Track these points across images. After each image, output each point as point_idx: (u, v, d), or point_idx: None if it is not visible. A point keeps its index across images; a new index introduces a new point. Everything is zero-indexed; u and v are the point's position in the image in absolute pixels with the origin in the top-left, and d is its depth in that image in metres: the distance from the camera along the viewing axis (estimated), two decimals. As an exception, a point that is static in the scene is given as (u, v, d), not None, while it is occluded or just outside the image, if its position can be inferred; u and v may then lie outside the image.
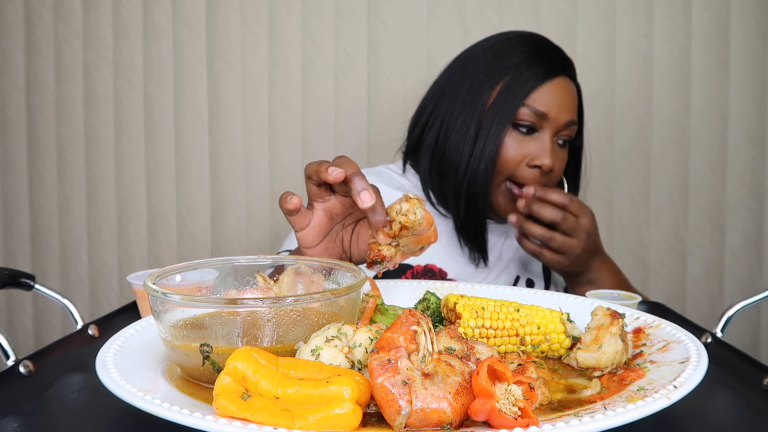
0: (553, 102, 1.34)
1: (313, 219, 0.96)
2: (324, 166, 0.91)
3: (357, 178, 0.89)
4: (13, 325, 2.17)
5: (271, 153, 2.05)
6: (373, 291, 0.94)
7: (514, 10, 1.96)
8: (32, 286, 1.09)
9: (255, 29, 2.02)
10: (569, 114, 1.36)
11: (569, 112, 1.37)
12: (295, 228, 0.96)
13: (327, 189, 0.95)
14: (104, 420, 0.67)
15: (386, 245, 0.89)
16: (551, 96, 1.35)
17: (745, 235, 1.95)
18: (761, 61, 1.91)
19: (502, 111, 1.33)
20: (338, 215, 0.97)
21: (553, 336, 0.78)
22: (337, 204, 0.96)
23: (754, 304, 1.03)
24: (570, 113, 1.37)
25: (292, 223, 0.95)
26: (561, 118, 1.35)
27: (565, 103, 1.36)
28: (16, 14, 2.09)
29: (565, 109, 1.36)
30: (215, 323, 0.69)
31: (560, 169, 1.38)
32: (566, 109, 1.36)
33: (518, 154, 1.34)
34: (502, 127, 1.32)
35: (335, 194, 0.96)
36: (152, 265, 2.09)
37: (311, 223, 0.95)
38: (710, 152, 1.94)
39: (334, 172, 0.89)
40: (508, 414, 0.56)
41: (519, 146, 1.34)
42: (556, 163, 1.35)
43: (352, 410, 0.56)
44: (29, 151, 2.13)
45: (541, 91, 1.34)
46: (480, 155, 1.32)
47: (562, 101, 1.36)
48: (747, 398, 0.74)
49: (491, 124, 1.33)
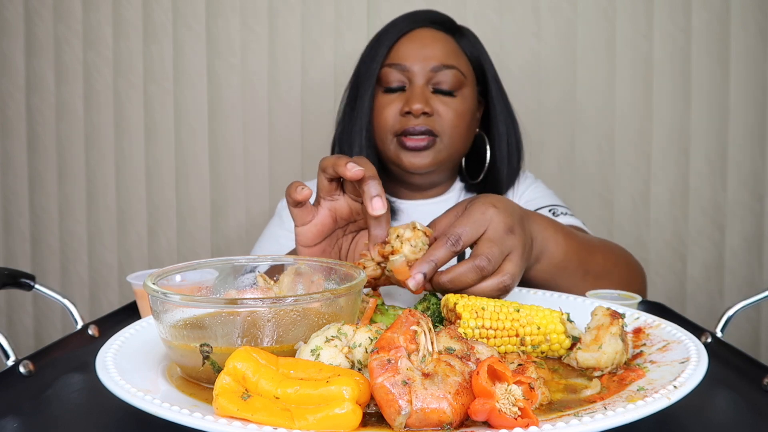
0: (410, 53, 1.40)
1: (317, 217, 0.93)
2: (343, 161, 0.87)
3: (373, 182, 0.86)
4: (13, 325, 2.17)
5: (271, 153, 2.05)
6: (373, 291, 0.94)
7: (514, 10, 1.96)
8: (32, 286, 1.09)
9: (255, 29, 2.02)
10: (435, 59, 1.39)
11: (434, 57, 1.39)
12: (296, 222, 0.93)
13: (338, 187, 0.93)
14: (104, 420, 0.67)
15: (373, 263, 0.87)
16: (407, 48, 1.40)
17: (745, 235, 1.95)
18: (761, 61, 1.91)
19: (366, 76, 1.42)
20: (342, 219, 0.95)
21: (553, 336, 0.78)
22: (345, 206, 0.94)
23: (754, 304, 1.03)
24: (435, 58, 1.39)
25: (295, 216, 0.93)
26: (425, 65, 1.38)
27: (426, 50, 1.39)
28: (16, 14, 2.09)
29: (429, 56, 1.39)
30: (215, 323, 0.69)
31: (447, 115, 1.39)
32: (429, 55, 1.39)
33: (390, 113, 1.39)
34: (366, 91, 1.41)
35: (345, 195, 0.93)
36: (152, 265, 2.09)
37: (314, 220, 0.93)
38: (710, 152, 1.94)
39: (353, 169, 0.86)
40: (508, 414, 0.56)
41: (390, 104, 1.40)
42: (438, 107, 1.38)
43: (352, 410, 0.56)
44: (29, 151, 2.13)
45: (396, 47, 1.41)
46: (357, 122, 1.42)
47: (422, 49, 1.40)
48: (747, 398, 0.74)
49: (360, 91, 1.42)
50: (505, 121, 1.48)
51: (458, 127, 1.40)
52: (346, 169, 0.86)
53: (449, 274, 0.84)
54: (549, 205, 1.45)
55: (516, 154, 1.49)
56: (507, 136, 1.48)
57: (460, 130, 1.41)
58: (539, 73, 1.96)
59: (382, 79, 1.42)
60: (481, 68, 1.47)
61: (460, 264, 0.85)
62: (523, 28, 1.97)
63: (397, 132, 1.40)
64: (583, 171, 1.98)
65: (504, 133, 1.48)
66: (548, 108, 1.96)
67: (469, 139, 1.47)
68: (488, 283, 0.85)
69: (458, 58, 1.43)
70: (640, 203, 1.98)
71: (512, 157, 1.49)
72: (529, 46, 1.96)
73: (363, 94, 1.42)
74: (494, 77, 1.48)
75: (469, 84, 1.44)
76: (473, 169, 1.53)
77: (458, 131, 1.41)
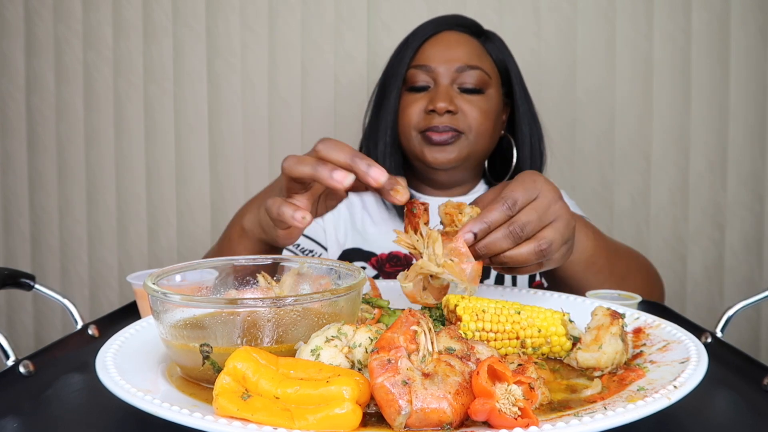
0: (435, 54, 1.42)
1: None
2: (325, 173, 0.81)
3: (357, 159, 0.81)
4: (13, 325, 2.17)
5: (271, 153, 2.05)
6: (373, 291, 0.94)
7: (514, 10, 1.96)
8: (32, 286, 1.09)
9: (255, 29, 2.02)
10: (459, 60, 1.41)
11: (459, 58, 1.41)
12: (280, 227, 0.91)
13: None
14: (104, 420, 0.67)
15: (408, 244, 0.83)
16: (433, 50, 1.43)
17: (745, 235, 1.95)
18: (761, 61, 1.91)
19: (392, 77, 1.44)
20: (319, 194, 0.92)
21: (554, 339, 0.78)
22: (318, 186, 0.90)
23: (754, 304, 1.03)
24: (460, 59, 1.41)
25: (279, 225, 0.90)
26: (450, 65, 1.40)
27: (451, 52, 1.42)
28: (16, 14, 2.09)
29: (454, 57, 1.41)
30: (215, 323, 0.69)
31: (472, 113, 1.40)
32: (454, 56, 1.41)
33: (415, 110, 1.41)
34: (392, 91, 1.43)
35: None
36: (152, 265, 2.09)
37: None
38: (710, 152, 1.94)
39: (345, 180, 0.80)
40: (508, 414, 0.56)
41: (415, 102, 1.41)
42: (462, 105, 1.39)
43: (352, 410, 0.56)
44: (29, 151, 2.13)
45: (422, 49, 1.44)
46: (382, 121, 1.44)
47: (447, 50, 1.42)
48: (747, 398, 0.74)
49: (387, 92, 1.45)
50: (528, 123, 1.49)
51: (483, 124, 1.41)
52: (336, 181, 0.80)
53: (484, 240, 0.83)
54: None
55: (539, 157, 1.50)
56: (530, 138, 1.49)
57: (485, 128, 1.42)
58: (539, 73, 1.96)
59: (408, 80, 1.44)
60: (506, 71, 1.48)
61: (496, 230, 0.83)
62: (523, 28, 1.96)
63: (421, 129, 1.41)
64: (582, 170, 1.98)
65: (527, 135, 1.49)
66: (548, 108, 1.96)
67: (493, 139, 1.47)
68: (524, 248, 0.83)
69: (483, 59, 1.44)
70: (640, 203, 1.98)
71: (535, 159, 1.50)
72: (529, 46, 1.96)
73: (389, 94, 1.44)
74: (519, 80, 1.49)
75: (494, 85, 1.45)
76: (497, 172, 1.54)
77: (483, 129, 1.41)
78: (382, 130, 1.45)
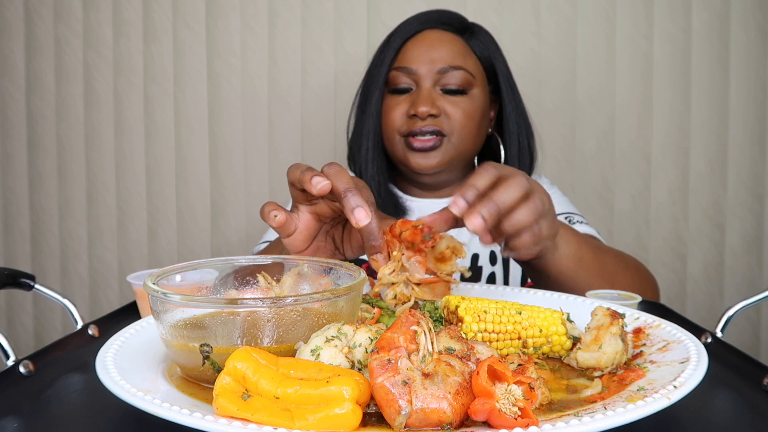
0: (417, 55, 1.40)
1: (300, 223, 0.91)
2: (308, 176, 0.84)
3: (350, 194, 0.82)
4: (13, 325, 2.17)
5: (271, 153, 2.05)
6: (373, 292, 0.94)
7: (514, 10, 1.96)
8: (32, 286, 1.09)
9: (255, 29, 2.02)
10: (441, 61, 1.39)
11: (441, 58, 1.39)
12: (281, 235, 0.92)
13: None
14: (104, 420, 0.67)
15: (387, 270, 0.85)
16: (415, 50, 1.40)
17: (745, 235, 1.95)
18: (761, 61, 1.91)
19: (374, 79, 1.42)
20: (326, 217, 0.93)
21: (555, 338, 0.78)
22: (324, 208, 0.91)
23: (754, 304, 1.02)
24: (442, 60, 1.39)
25: (278, 232, 0.91)
26: (432, 67, 1.38)
27: (433, 53, 1.39)
28: (16, 14, 2.09)
29: (435, 58, 1.39)
30: (215, 323, 0.69)
31: (455, 115, 1.38)
32: (436, 57, 1.39)
33: (397, 114, 1.39)
34: (374, 94, 1.41)
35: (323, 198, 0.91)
36: (152, 265, 2.09)
37: (298, 227, 0.91)
38: (710, 152, 1.94)
39: (318, 185, 0.82)
40: (508, 414, 0.56)
41: (397, 106, 1.40)
42: (445, 107, 1.38)
43: (352, 410, 0.56)
44: (29, 151, 2.13)
45: (404, 50, 1.41)
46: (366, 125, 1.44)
47: (429, 51, 1.40)
48: (747, 398, 0.74)
49: (369, 94, 1.43)
50: (516, 120, 1.46)
51: (466, 126, 1.39)
52: (312, 185, 0.83)
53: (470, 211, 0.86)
54: (565, 212, 1.44)
55: (528, 155, 1.48)
56: (518, 136, 1.46)
57: (469, 129, 1.40)
58: (539, 73, 1.96)
59: (390, 82, 1.42)
60: (492, 68, 1.45)
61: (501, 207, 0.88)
62: (523, 28, 1.96)
63: (403, 133, 1.39)
64: (582, 171, 1.98)
65: (515, 133, 1.46)
66: (548, 108, 1.96)
67: (479, 139, 1.45)
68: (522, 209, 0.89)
69: (466, 58, 1.41)
70: (639, 203, 1.98)
71: (523, 157, 1.47)
72: (529, 45, 1.96)
73: (371, 97, 1.43)
74: (506, 76, 1.47)
75: (478, 84, 1.42)
76: None
77: (467, 130, 1.39)
78: (365, 134, 1.44)
